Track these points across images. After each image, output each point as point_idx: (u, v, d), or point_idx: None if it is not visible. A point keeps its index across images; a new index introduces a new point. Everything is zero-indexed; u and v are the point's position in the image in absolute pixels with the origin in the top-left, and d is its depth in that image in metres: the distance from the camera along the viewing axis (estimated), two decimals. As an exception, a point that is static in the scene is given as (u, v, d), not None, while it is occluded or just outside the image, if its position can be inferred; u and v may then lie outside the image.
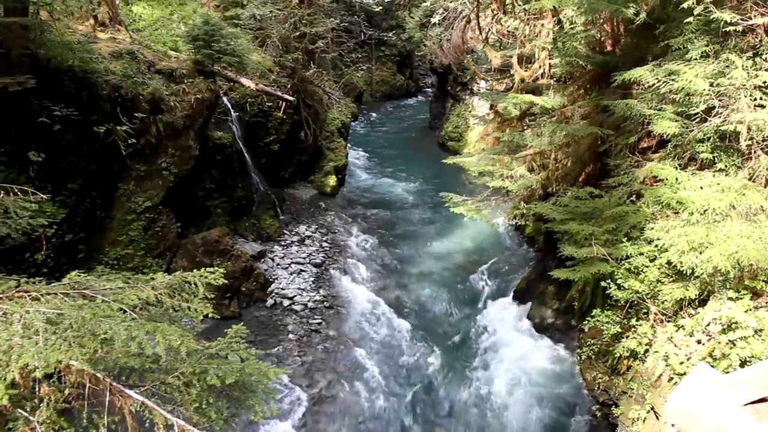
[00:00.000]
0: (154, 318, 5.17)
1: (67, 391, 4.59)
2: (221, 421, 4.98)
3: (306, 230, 20.85)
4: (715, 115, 9.51)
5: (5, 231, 7.02)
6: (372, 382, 13.91)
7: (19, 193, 7.07)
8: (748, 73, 9.09)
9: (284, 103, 21.24)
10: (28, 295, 4.96)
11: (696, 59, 9.59)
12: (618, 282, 10.27)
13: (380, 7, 34.03)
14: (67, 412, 4.75)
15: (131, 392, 4.63)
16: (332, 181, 25.08)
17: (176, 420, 4.57)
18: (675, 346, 9.43)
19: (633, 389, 10.08)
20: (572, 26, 14.41)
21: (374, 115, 42.35)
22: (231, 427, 5.40)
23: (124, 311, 4.91)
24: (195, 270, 5.92)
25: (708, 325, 9.05)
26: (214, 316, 5.74)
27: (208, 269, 5.74)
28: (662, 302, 9.88)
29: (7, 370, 4.10)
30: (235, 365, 5.01)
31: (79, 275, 5.52)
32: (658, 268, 9.97)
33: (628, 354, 10.29)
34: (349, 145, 29.32)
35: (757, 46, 9.38)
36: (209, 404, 4.89)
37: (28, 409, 4.48)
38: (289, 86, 21.65)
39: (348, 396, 13.41)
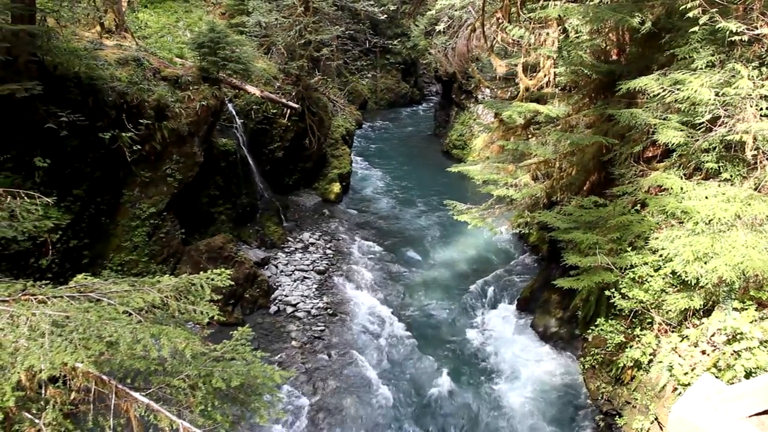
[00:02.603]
0: (159, 321, 5.17)
1: (73, 394, 4.59)
2: (227, 423, 4.98)
3: (310, 237, 20.88)
4: (720, 125, 9.50)
5: (11, 234, 7.06)
6: (374, 389, 13.88)
7: (25, 197, 7.10)
8: (754, 83, 9.08)
9: (289, 111, 21.33)
10: (35, 298, 4.97)
11: (701, 68, 9.58)
12: (622, 291, 10.23)
13: (385, 15, 34.09)
14: (73, 415, 4.76)
15: (137, 395, 4.63)
16: (336, 188, 25.12)
17: (182, 422, 4.57)
18: (679, 356, 9.39)
19: (637, 399, 10.03)
20: (577, 35, 14.44)
21: (379, 122, 42.40)
22: (236, 430, 5.39)
23: (130, 314, 4.91)
24: (199, 276, 5.94)
25: (713, 335, 9.01)
26: (219, 319, 5.74)
27: (214, 271, 5.75)
28: (667, 312, 9.85)
29: (13, 371, 4.12)
30: (241, 368, 5.01)
31: (86, 278, 5.54)
32: (663, 278, 9.94)
33: (632, 364, 10.25)
34: (353, 152, 29.37)
35: (764, 56, 9.37)
36: (214, 407, 4.88)
37: (34, 411, 4.49)
38: (293, 93, 21.74)
39: (350, 404, 13.37)
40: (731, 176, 9.67)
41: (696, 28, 9.34)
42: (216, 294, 5.77)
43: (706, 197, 9.29)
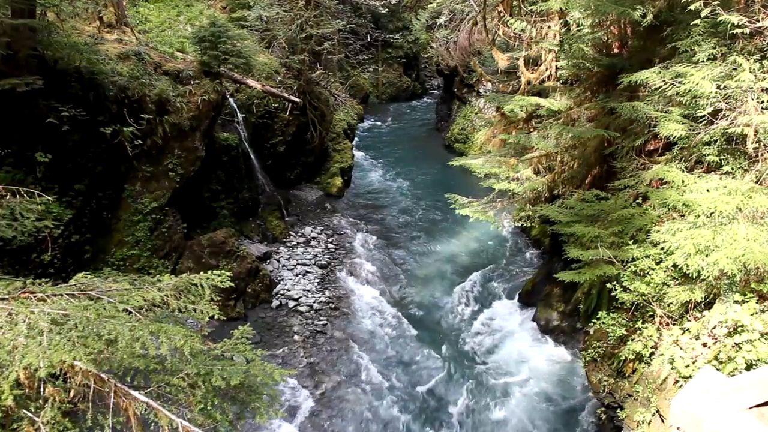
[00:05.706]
0: (159, 319, 5.17)
1: (72, 392, 4.60)
2: (226, 422, 4.98)
3: (312, 231, 20.87)
4: (721, 118, 9.46)
5: (11, 234, 7.05)
6: (377, 383, 13.91)
7: (25, 194, 7.09)
8: (755, 75, 9.04)
9: (290, 105, 21.28)
10: (34, 296, 4.98)
11: (703, 61, 9.53)
12: (624, 284, 10.22)
13: (387, 9, 33.97)
14: (72, 413, 4.77)
15: (136, 393, 4.64)
16: (338, 182, 25.10)
17: (181, 421, 4.58)
18: (680, 349, 9.38)
19: (638, 392, 10.03)
20: (579, 28, 14.37)
21: (380, 116, 42.32)
22: (236, 428, 5.39)
23: (130, 312, 4.91)
24: (201, 271, 5.92)
25: (714, 328, 9.00)
26: (220, 317, 5.74)
27: (214, 271, 5.73)
28: (668, 305, 9.82)
29: (11, 369, 4.12)
30: (240, 366, 5.01)
31: (86, 276, 5.54)
32: (664, 271, 9.91)
33: (633, 357, 10.23)
34: (355, 146, 29.32)
35: (765, 49, 9.32)
36: (214, 406, 4.89)
37: (33, 410, 4.50)
38: (295, 88, 21.69)
39: (353, 397, 13.41)
40: (732, 169, 9.64)
41: (697, 21, 9.29)
42: (216, 292, 5.76)
43: (708, 190, 9.25)
